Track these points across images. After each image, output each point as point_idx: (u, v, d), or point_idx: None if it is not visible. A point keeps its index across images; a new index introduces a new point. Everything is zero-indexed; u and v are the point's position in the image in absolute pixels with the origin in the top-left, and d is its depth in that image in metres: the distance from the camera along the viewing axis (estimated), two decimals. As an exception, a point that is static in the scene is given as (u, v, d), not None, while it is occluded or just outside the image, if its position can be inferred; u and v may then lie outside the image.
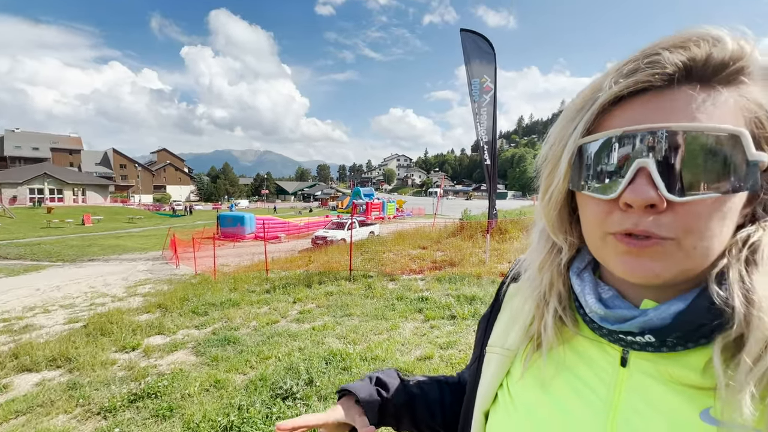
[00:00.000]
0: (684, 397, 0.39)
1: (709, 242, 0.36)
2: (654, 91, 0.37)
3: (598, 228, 0.40)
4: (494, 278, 7.13)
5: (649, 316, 0.40)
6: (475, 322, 5.00)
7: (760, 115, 0.36)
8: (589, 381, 0.45)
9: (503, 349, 0.56)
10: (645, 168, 0.36)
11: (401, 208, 34.49)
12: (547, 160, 0.46)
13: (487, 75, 8.02)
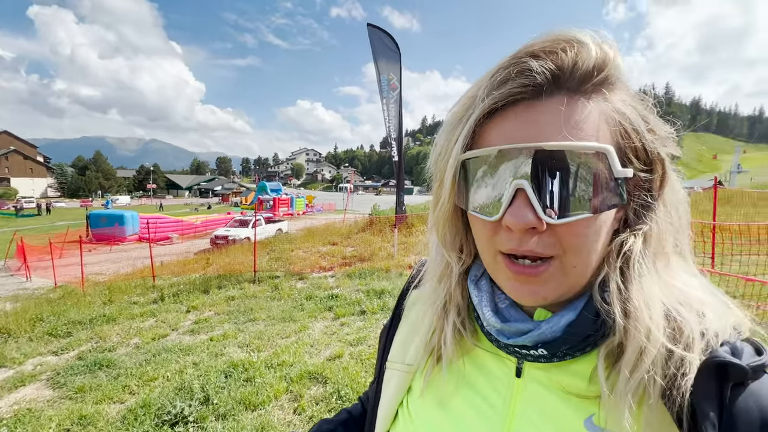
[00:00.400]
0: (571, 406, 0.41)
1: (587, 258, 0.38)
2: (526, 103, 0.37)
3: (489, 246, 0.41)
4: (402, 271, 7.42)
5: (542, 329, 0.41)
6: (384, 315, 5.12)
7: (625, 126, 0.37)
8: (487, 395, 0.46)
9: (403, 365, 0.54)
10: (522, 189, 0.36)
11: (311, 204, 33.70)
12: (436, 171, 0.46)
13: (393, 73, 8.25)
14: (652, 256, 0.39)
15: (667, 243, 0.39)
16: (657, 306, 0.37)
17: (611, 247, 0.40)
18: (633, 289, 0.37)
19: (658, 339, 0.35)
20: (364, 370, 3.60)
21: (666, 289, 0.38)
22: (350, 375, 3.48)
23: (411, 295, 0.60)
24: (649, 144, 0.38)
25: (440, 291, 0.50)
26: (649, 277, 0.38)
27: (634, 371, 0.36)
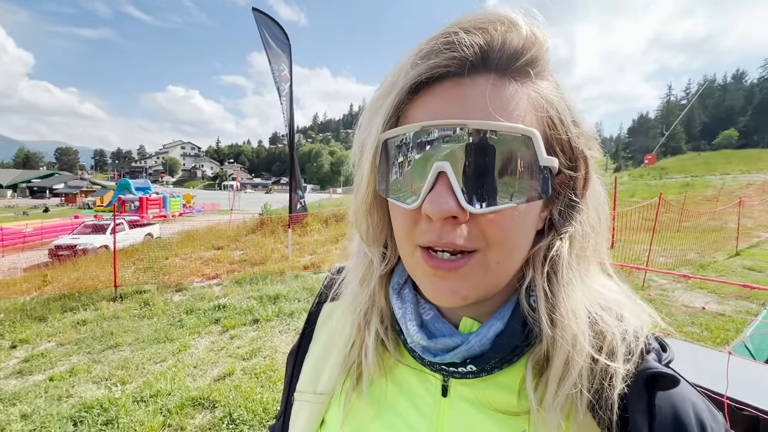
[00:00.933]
0: (501, 424, 0.39)
1: (511, 253, 0.36)
2: (452, 79, 0.35)
3: (408, 241, 0.37)
4: (298, 272, 7.13)
5: (471, 343, 0.38)
6: (281, 322, 4.82)
7: (552, 115, 0.35)
8: (410, 418, 0.42)
9: (315, 395, 0.48)
10: (444, 173, 0.34)
11: (189, 204, 29.81)
12: (357, 154, 0.41)
13: (284, 63, 7.83)
14: (576, 260, 0.38)
15: (589, 246, 0.39)
16: (582, 314, 0.36)
17: (537, 248, 0.38)
18: (560, 296, 0.36)
19: (584, 349, 0.35)
20: (260, 385, 3.31)
21: (589, 294, 0.38)
22: (243, 393, 3.16)
23: (324, 310, 0.54)
24: (574, 138, 0.37)
25: (362, 295, 0.45)
26: (575, 284, 0.37)
27: (562, 383, 0.35)
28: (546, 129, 0.36)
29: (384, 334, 0.44)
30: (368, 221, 0.43)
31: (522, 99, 0.35)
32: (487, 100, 0.33)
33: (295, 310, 5.14)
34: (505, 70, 0.35)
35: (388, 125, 0.37)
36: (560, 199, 0.39)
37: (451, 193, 0.33)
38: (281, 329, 4.63)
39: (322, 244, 9.54)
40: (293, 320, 4.86)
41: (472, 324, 0.41)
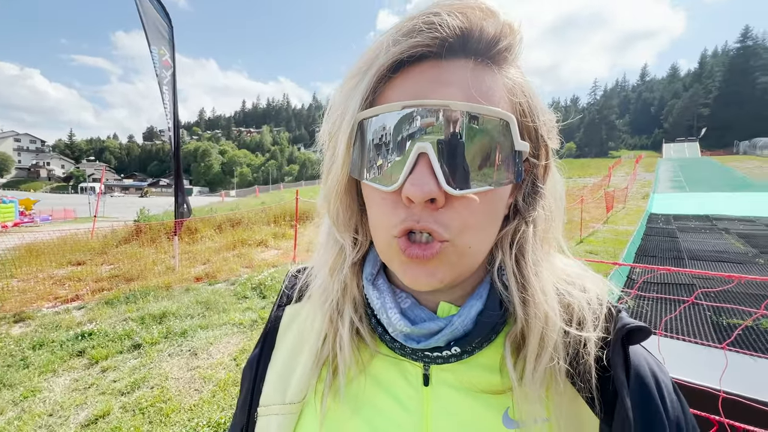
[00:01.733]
0: (486, 404, 0.39)
1: (482, 238, 0.37)
2: (432, 60, 0.35)
3: (383, 226, 0.37)
4: (189, 285, 6.30)
5: (455, 324, 0.39)
6: (170, 343, 4.18)
7: (522, 102, 0.37)
8: (393, 414, 0.41)
9: (284, 406, 0.44)
10: (425, 154, 0.34)
11: (29, 211, 23.73)
12: (330, 137, 0.40)
13: (165, 47, 6.81)
14: (540, 243, 0.40)
15: (550, 229, 0.42)
16: (551, 291, 0.38)
17: (504, 232, 0.40)
18: (529, 277, 0.38)
19: (556, 324, 0.37)
20: (147, 422, 2.80)
21: (554, 272, 0.41)
22: (126, 435, 2.63)
23: (287, 313, 0.50)
24: (541, 126, 0.39)
25: (333, 285, 0.43)
26: (542, 264, 0.39)
27: (539, 359, 0.37)
28: (518, 116, 0.37)
29: (359, 323, 0.42)
30: (340, 205, 0.41)
31: (499, 85, 0.36)
32: (468, 82, 0.34)
33: (188, 327, 4.52)
34: (483, 56, 0.36)
35: (366, 104, 0.36)
36: (525, 185, 0.41)
37: (432, 175, 0.33)
38: (172, 351, 4.01)
39: (217, 251, 8.63)
40: (186, 340, 4.27)
41: (449, 308, 0.41)
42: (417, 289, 0.38)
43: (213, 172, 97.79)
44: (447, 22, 0.34)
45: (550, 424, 0.37)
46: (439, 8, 0.35)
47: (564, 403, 0.37)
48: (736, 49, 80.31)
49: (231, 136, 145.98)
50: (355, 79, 0.37)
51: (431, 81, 0.34)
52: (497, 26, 0.36)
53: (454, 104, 0.33)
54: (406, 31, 0.34)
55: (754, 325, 2.55)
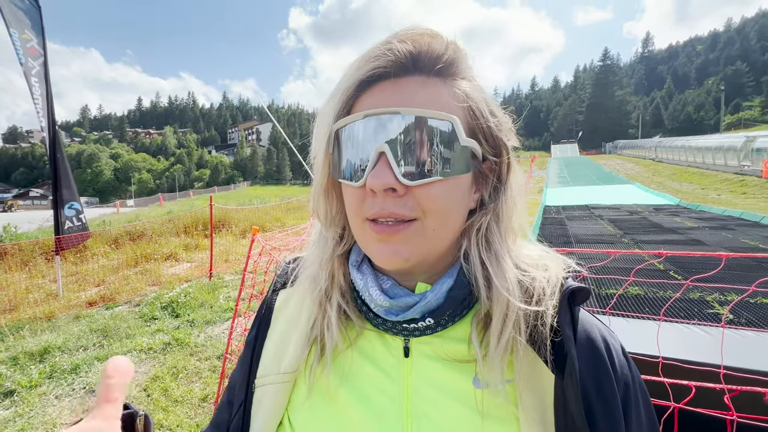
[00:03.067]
0: (458, 370, 0.45)
1: (445, 221, 0.43)
2: (390, 79, 0.43)
3: (357, 215, 0.44)
4: (78, 312, 5.38)
5: (428, 298, 0.44)
6: (56, 384, 3.52)
7: (471, 106, 0.44)
8: (379, 382, 0.46)
9: (278, 375, 0.50)
10: (384, 153, 0.41)
11: None
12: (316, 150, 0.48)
13: (30, 32, 5.69)
14: (503, 232, 0.46)
15: (513, 220, 0.47)
16: (512, 277, 0.43)
17: (470, 223, 0.46)
18: (492, 263, 0.44)
19: (515, 305, 0.42)
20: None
21: (517, 257, 0.46)
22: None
23: (281, 295, 0.56)
24: (494, 128, 0.44)
25: (322, 274, 0.49)
26: (504, 252, 0.45)
27: (501, 335, 0.42)
28: (468, 118, 0.43)
29: (346, 306, 0.48)
30: (325, 205, 0.48)
31: (444, 93, 0.43)
32: (417, 94, 0.42)
33: (80, 362, 3.86)
34: (430, 71, 0.43)
35: (339, 117, 0.44)
36: (489, 182, 0.47)
37: (390, 170, 0.40)
38: (59, 393, 3.39)
39: (114, 270, 7.51)
40: (79, 376, 3.64)
41: (425, 287, 0.47)
42: (386, 266, 0.44)
43: (103, 180, 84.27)
44: (399, 48, 0.42)
45: (513, 384, 0.43)
46: (392, 38, 0.43)
47: (525, 365, 0.43)
48: (599, 66, 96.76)
49: (125, 138, 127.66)
50: (331, 100, 0.45)
51: (388, 94, 0.42)
52: (441, 46, 0.43)
53: (404, 110, 0.40)
54: (368, 58, 0.42)
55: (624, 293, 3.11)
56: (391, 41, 0.42)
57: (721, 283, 3.12)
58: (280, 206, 15.32)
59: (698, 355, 1.21)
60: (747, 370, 1.09)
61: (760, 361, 1.20)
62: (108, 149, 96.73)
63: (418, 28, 0.44)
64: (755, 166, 15.73)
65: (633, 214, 9.24)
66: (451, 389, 0.45)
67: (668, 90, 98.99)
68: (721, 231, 6.37)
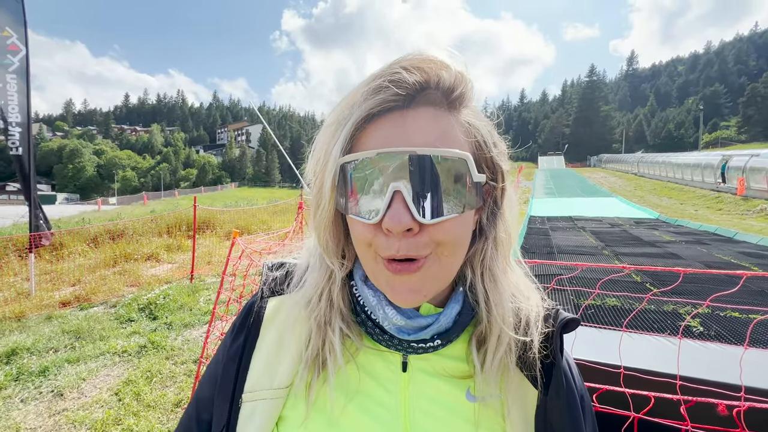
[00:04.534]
0: (453, 385, 0.48)
1: (456, 251, 0.44)
2: (398, 111, 0.41)
3: (369, 250, 0.43)
4: (50, 313, 5.20)
5: (440, 321, 0.46)
6: (23, 386, 3.39)
7: (478, 139, 0.45)
8: (379, 397, 0.48)
9: (272, 390, 0.48)
10: (399, 192, 0.40)
11: None
12: (315, 175, 0.46)
13: (10, 28, 5.55)
14: (502, 260, 0.49)
15: (508, 243, 0.50)
16: (508, 301, 0.48)
17: (473, 251, 0.48)
18: (492, 291, 0.47)
19: (510, 326, 0.47)
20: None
21: (510, 285, 0.50)
22: None
23: (270, 304, 0.54)
24: (495, 157, 0.46)
25: (321, 302, 0.49)
26: (501, 279, 0.48)
27: (496, 353, 0.47)
28: (474, 150, 0.44)
29: (348, 330, 0.48)
30: (329, 236, 0.47)
31: (455, 127, 0.43)
32: (428, 128, 0.41)
33: (49, 364, 3.72)
34: (440, 104, 0.42)
35: (345, 152, 0.42)
36: (486, 206, 0.49)
37: (407, 210, 0.40)
38: (26, 396, 3.26)
39: (91, 269, 7.29)
40: (48, 379, 3.51)
41: (429, 308, 0.49)
42: (402, 305, 0.44)
43: (86, 176, 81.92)
44: (407, 79, 0.40)
45: (502, 399, 0.47)
46: (399, 67, 0.41)
47: (513, 383, 0.48)
48: (585, 81, 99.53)
49: (110, 134, 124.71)
50: (334, 127, 0.43)
51: (398, 128, 0.41)
52: (450, 77, 0.43)
53: (419, 150, 0.39)
54: (374, 88, 0.41)
55: (602, 303, 3.18)
56: (398, 71, 0.41)
57: (691, 297, 3.22)
58: (267, 209, 15.15)
59: (661, 366, 1.24)
60: (706, 381, 1.13)
61: (721, 373, 1.24)
62: (92, 145, 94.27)
63: (426, 57, 0.43)
64: (730, 184, 16.34)
65: (614, 226, 9.47)
66: (446, 402, 0.47)
67: (651, 107, 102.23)
68: (696, 245, 6.57)
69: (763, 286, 3.37)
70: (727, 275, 4.30)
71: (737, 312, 2.79)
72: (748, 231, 8.29)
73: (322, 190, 0.45)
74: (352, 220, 0.44)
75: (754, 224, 10.27)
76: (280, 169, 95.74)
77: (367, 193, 0.41)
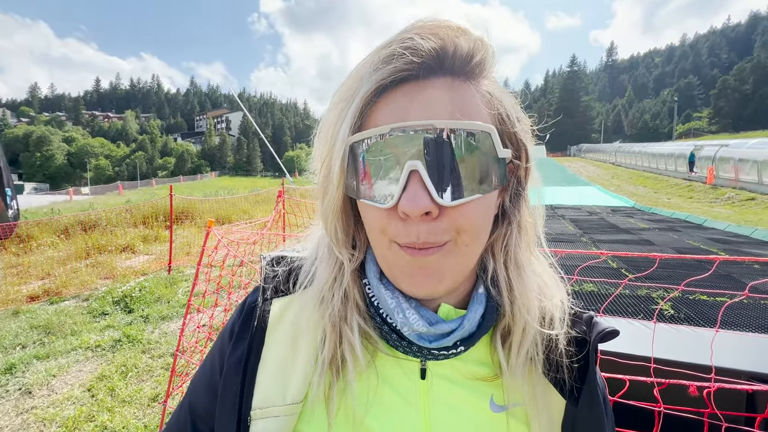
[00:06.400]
0: (475, 392, 0.45)
1: (477, 237, 0.40)
2: (413, 82, 0.37)
3: (383, 236, 0.39)
4: (18, 307, 4.97)
5: (465, 327, 0.42)
6: (-13, 385, 3.23)
7: (501, 112, 0.40)
8: (398, 408, 0.43)
9: (285, 407, 0.42)
10: (416, 171, 0.36)
11: None
12: (321, 159, 0.42)
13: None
14: (526, 246, 0.45)
15: (532, 229, 0.46)
16: (533, 291, 0.44)
17: (495, 237, 0.43)
18: (516, 280, 0.43)
19: (535, 318, 0.43)
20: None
21: (535, 276, 0.46)
22: None
23: (275, 308, 0.47)
24: (520, 132, 0.41)
25: (334, 296, 0.44)
26: (526, 267, 0.44)
27: (521, 347, 0.43)
28: (497, 124, 0.40)
29: (367, 327, 0.44)
30: (338, 223, 0.43)
31: (476, 98, 0.38)
32: (447, 99, 0.36)
33: (16, 361, 3.57)
34: (459, 73, 0.38)
35: (355, 129, 0.38)
36: (510, 186, 0.44)
37: (425, 190, 0.35)
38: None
39: (62, 262, 6.99)
40: (15, 377, 3.36)
41: (448, 310, 0.44)
42: (416, 291, 0.40)
43: (55, 165, 78.08)
44: (423, 46, 0.36)
45: (524, 407, 0.45)
46: (413, 32, 0.37)
47: (539, 389, 0.45)
48: (567, 72, 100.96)
49: (81, 121, 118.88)
50: (342, 105, 0.39)
51: (414, 102, 0.36)
52: (469, 43, 0.38)
53: (438, 123, 0.35)
54: (385, 57, 0.36)
55: (580, 289, 3.25)
56: (412, 37, 0.36)
57: (663, 282, 3.33)
58: (248, 198, 14.84)
59: (636, 349, 1.27)
60: (679, 363, 1.15)
61: (692, 354, 1.28)
62: (61, 132, 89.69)
63: (442, 22, 0.38)
64: (701, 173, 16.99)
65: (592, 214, 9.73)
66: (469, 412, 0.44)
67: (629, 98, 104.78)
68: (669, 232, 6.82)
69: (729, 270, 3.52)
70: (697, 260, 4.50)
71: (705, 295, 2.91)
72: (717, 218, 8.67)
73: (330, 175, 0.40)
74: (365, 205, 0.40)
75: (722, 211, 10.74)
76: (261, 158, 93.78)
77: (380, 174, 0.37)
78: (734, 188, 13.72)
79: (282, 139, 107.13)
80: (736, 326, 2.02)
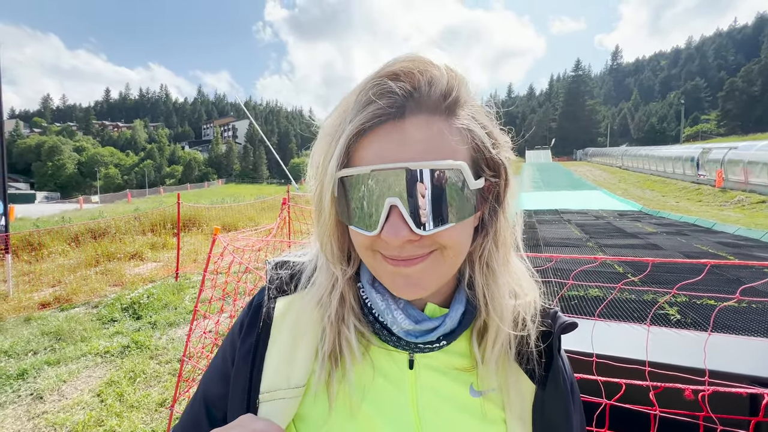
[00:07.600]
0: (457, 380, 0.51)
1: (459, 250, 0.45)
2: (393, 122, 0.40)
3: (369, 249, 0.45)
4: (30, 314, 5.06)
5: (446, 324, 0.48)
6: (0, 390, 3.29)
7: (476, 141, 0.43)
8: (390, 393, 0.49)
9: (289, 390, 0.48)
10: (396, 206, 0.40)
11: None
12: (315, 183, 0.47)
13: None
14: (503, 255, 0.49)
15: (508, 238, 0.50)
16: (505, 299, 0.49)
17: (473, 247, 0.48)
18: (491, 286, 0.48)
19: (508, 319, 0.49)
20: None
21: (510, 280, 0.51)
22: None
23: (279, 305, 0.53)
24: (495, 156, 0.45)
25: (332, 300, 0.49)
26: (501, 273, 0.49)
27: (495, 344, 0.49)
28: (473, 153, 0.43)
29: (362, 327, 0.50)
30: (333, 242, 0.48)
31: (450, 134, 0.41)
32: (422, 140, 0.40)
33: (28, 367, 3.63)
34: (434, 110, 0.41)
35: (342, 165, 0.42)
36: (488, 202, 0.48)
37: (404, 223, 0.41)
38: (4, 400, 3.18)
39: (72, 269, 7.12)
40: (26, 382, 3.43)
41: (434, 308, 0.50)
42: (404, 297, 0.46)
43: (66, 174, 79.49)
44: (396, 89, 0.40)
45: (499, 393, 0.50)
46: (386, 75, 0.41)
47: (512, 377, 0.51)
48: (572, 76, 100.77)
49: (91, 131, 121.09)
50: (328, 139, 0.43)
51: (393, 142, 0.40)
52: (443, 81, 0.41)
53: (411, 165, 0.39)
54: (364, 103, 0.40)
55: (585, 294, 3.24)
56: (384, 81, 0.40)
57: (669, 286, 3.31)
58: (254, 205, 14.96)
59: (634, 353, 1.27)
60: (675, 366, 1.16)
61: (692, 359, 1.28)
62: (72, 142, 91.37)
63: (415, 60, 0.42)
64: (710, 176, 16.79)
65: (599, 219, 9.66)
66: (451, 397, 0.50)
67: (635, 101, 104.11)
68: (677, 236, 6.74)
69: (738, 275, 3.48)
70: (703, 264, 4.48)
71: (712, 300, 2.88)
72: (726, 221, 8.55)
73: (322, 202, 0.46)
74: (353, 229, 0.45)
75: (731, 215, 10.59)
76: (268, 165, 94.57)
77: (365, 206, 0.42)
78: (744, 191, 13.53)
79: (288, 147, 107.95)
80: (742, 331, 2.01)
